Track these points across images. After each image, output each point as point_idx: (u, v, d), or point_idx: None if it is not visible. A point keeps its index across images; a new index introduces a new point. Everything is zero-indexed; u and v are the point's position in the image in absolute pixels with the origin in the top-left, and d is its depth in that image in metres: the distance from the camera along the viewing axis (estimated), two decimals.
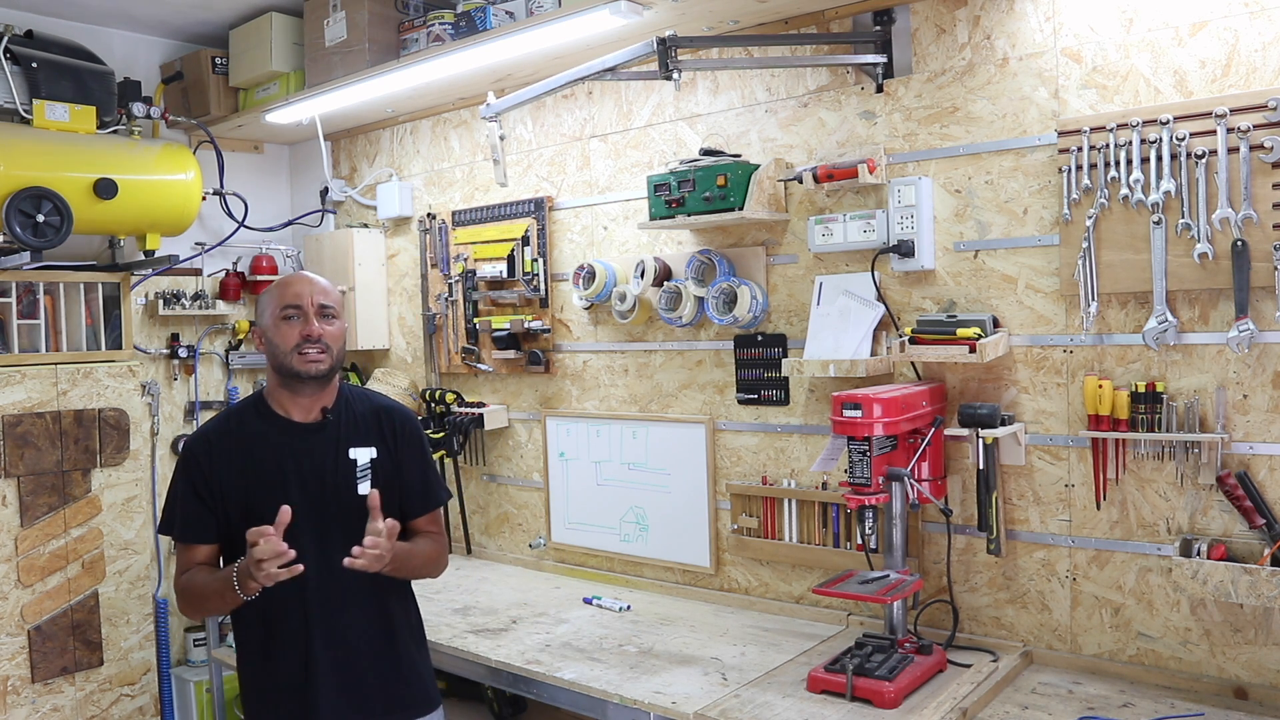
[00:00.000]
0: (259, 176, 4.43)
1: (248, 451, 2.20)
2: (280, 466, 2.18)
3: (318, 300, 2.19)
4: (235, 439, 2.22)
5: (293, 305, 2.18)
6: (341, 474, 2.21)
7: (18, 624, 3.26)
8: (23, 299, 3.40)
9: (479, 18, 3.12)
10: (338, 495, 2.19)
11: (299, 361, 2.15)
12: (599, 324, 3.39)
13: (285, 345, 2.16)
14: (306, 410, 2.23)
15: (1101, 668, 2.38)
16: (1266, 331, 2.14)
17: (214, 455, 2.20)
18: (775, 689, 2.31)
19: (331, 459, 2.21)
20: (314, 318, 2.17)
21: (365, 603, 2.21)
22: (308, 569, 2.07)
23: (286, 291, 2.21)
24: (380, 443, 2.26)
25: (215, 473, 2.17)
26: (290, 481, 2.17)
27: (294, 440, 2.21)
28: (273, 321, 2.19)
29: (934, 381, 2.61)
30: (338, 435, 2.23)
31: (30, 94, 3.30)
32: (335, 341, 2.21)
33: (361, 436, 2.25)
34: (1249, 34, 2.14)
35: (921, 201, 2.58)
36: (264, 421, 2.23)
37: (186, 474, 2.21)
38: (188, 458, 2.23)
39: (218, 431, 2.25)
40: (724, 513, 3.08)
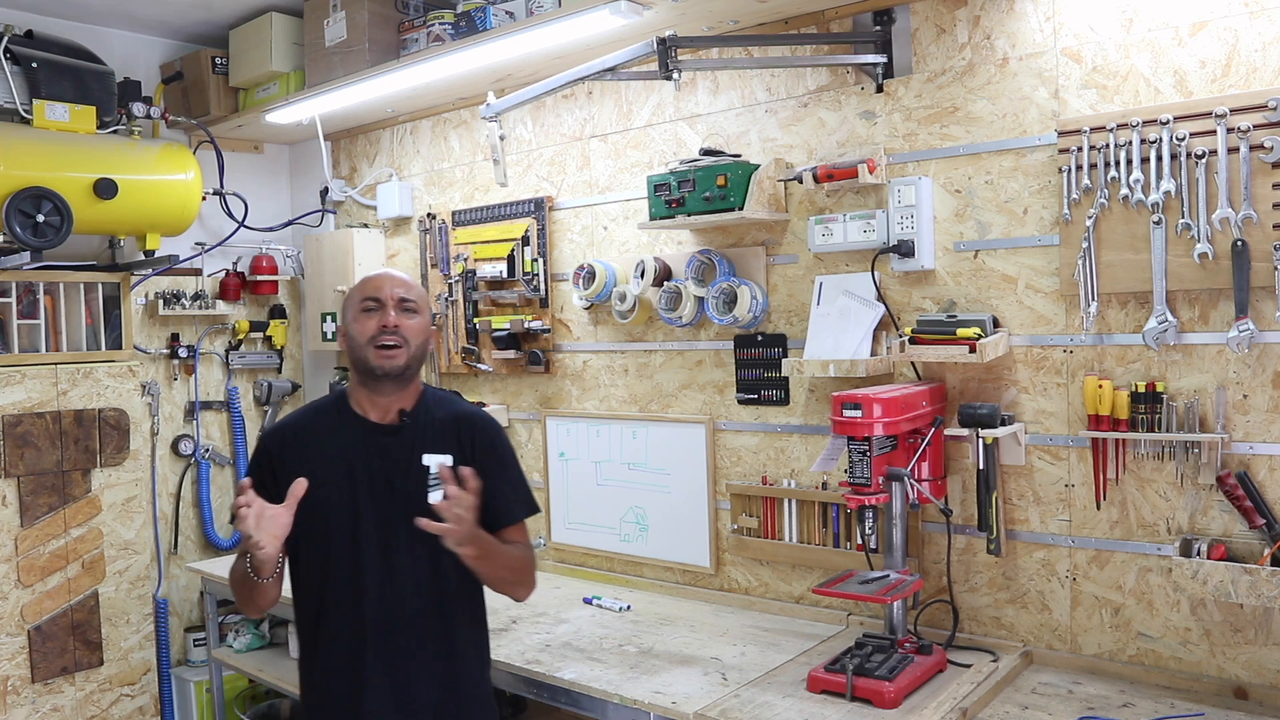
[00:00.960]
0: (259, 176, 4.43)
1: (320, 448, 2.12)
2: (350, 467, 2.10)
3: (397, 293, 2.13)
4: (309, 434, 2.16)
5: (372, 298, 2.12)
6: (413, 480, 2.07)
7: (18, 624, 3.26)
8: (23, 299, 3.40)
9: (479, 18, 3.12)
10: (406, 502, 2.05)
11: (375, 355, 2.08)
12: (599, 324, 3.39)
13: (362, 337, 2.09)
14: (384, 411, 2.15)
15: (1101, 668, 2.38)
16: (1266, 331, 2.14)
17: (285, 449, 2.14)
18: (775, 689, 2.31)
19: (404, 464, 2.09)
20: (392, 309, 2.10)
21: (429, 616, 2.09)
22: (369, 576, 2.05)
23: (367, 285, 2.16)
24: (458, 451, 2.12)
25: (284, 467, 2.08)
26: (359, 482, 2.09)
27: (368, 441, 2.13)
28: (353, 316, 2.14)
29: (934, 381, 2.61)
30: (413, 440, 2.13)
31: (30, 94, 3.30)
32: (414, 336, 2.12)
33: (437, 443, 2.13)
34: (1249, 34, 2.14)
35: (921, 201, 2.58)
36: (341, 419, 2.16)
37: (255, 467, 2.16)
38: (260, 452, 2.19)
39: (293, 426, 2.20)
40: (724, 513, 3.08)
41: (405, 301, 2.12)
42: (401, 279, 2.17)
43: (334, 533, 2.07)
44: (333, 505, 2.04)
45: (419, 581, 2.07)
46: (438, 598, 2.09)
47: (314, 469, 2.06)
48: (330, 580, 2.08)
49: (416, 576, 2.07)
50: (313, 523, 2.02)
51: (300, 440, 2.15)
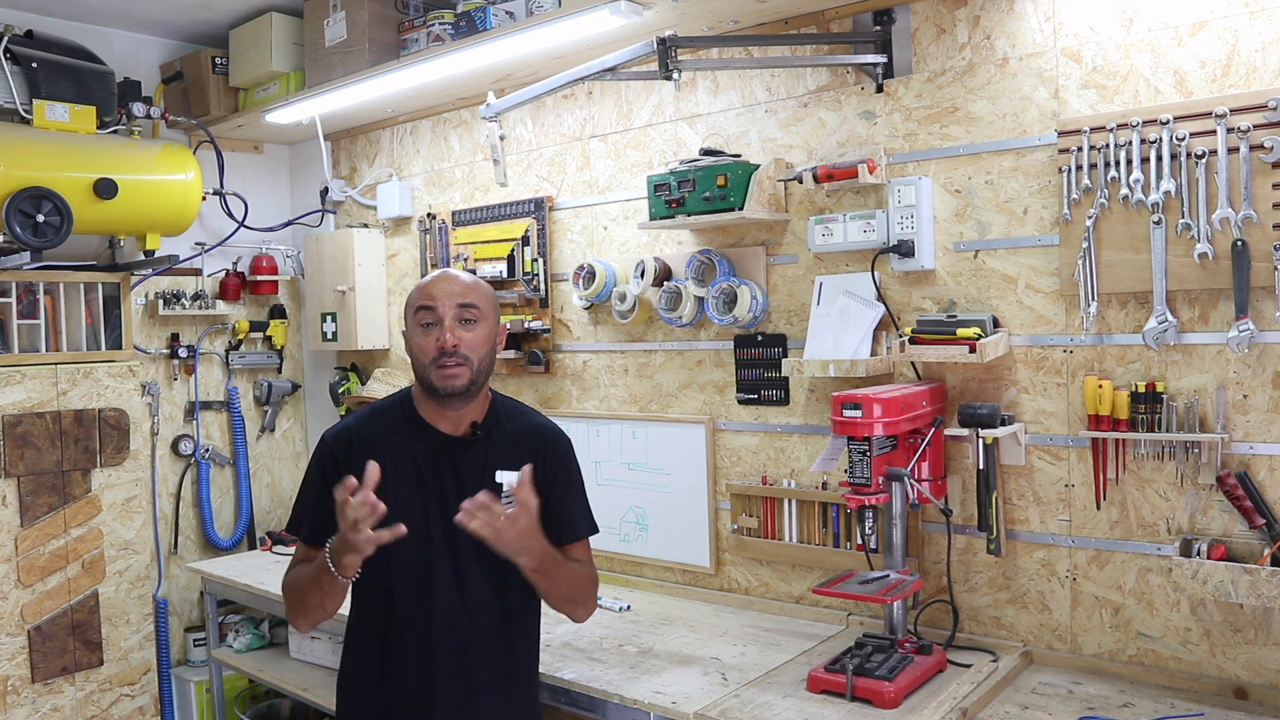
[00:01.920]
0: (259, 176, 4.43)
1: (388, 457, 1.97)
2: (421, 479, 2.01)
3: (455, 302, 1.98)
4: (377, 441, 2.04)
5: (427, 308, 1.98)
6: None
7: (18, 624, 3.26)
8: (23, 299, 3.40)
9: (479, 18, 3.12)
10: None
11: (437, 377, 1.97)
12: (599, 324, 3.39)
13: (423, 358, 1.98)
14: (455, 423, 2.06)
15: (1101, 668, 2.38)
16: (1266, 331, 2.14)
17: (353, 454, 2.00)
18: (775, 689, 2.31)
19: (476, 479, 2.00)
20: (450, 325, 1.97)
21: (496, 634, 2.04)
22: (440, 593, 1.97)
23: (423, 290, 2.01)
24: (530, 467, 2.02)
25: (351, 470, 1.90)
26: (430, 497, 2.00)
27: (439, 454, 2.03)
28: (411, 326, 2.02)
29: (934, 381, 2.61)
30: (486, 455, 2.04)
31: (30, 94, 3.30)
32: (476, 350, 1.99)
33: (511, 459, 2.02)
34: (1249, 34, 2.14)
35: (921, 201, 2.58)
36: (410, 428, 2.06)
37: (321, 471, 2.04)
38: (325, 456, 2.06)
39: (358, 430, 2.08)
40: (724, 513, 3.08)
41: (465, 310, 1.99)
42: (460, 281, 2.02)
43: (403, 546, 1.91)
44: (401, 519, 1.89)
45: (488, 599, 2.01)
46: (503, 616, 2.04)
47: (384, 477, 1.92)
48: (399, 595, 2.00)
49: (485, 594, 2.01)
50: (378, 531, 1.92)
51: (367, 446, 2.02)
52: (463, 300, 1.99)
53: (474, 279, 2.06)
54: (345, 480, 1.78)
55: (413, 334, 2.02)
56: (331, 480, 1.94)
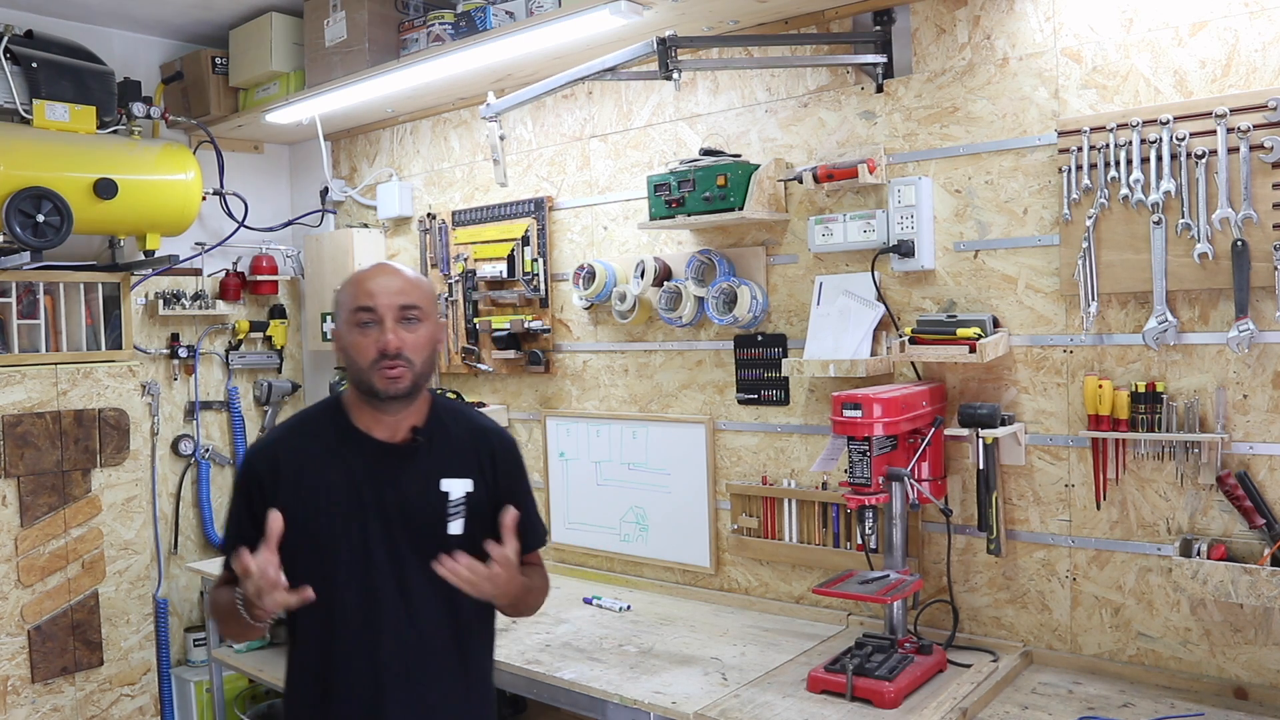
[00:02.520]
0: (259, 176, 4.43)
1: (319, 473, 1.85)
2: (358, 495, 1.84)
3: (396, 301, 1.82)
4: (306, 456, 1.87)
5: (365, 308, 1.82)
6: (430, 508, 1.86)
7: (18, 624, 3.26)
8: (23, 299, 3.40)
9: (479, 18, 3.12)
10: (423, 533, 1.85)
11: (378, 379, 1.80)
12: (599, 324, 3.39)
13: (361, 360, 1.81)
14: (392, 429, 1.89)
15: (1101, 668, 2.38)
16: (1266, 331, 2.14)
17: (279, 473, 1.85)
18: (775, 689, 2.31)
19: (419, 489, 1.87)
20: (391, 325, 1.81)
21: (449, 659, 1.90)
22: (386, 618, 1.83)
23: (360, 288, 1.84)
24: (478, 473, 1.92)
25: (279, 495, 1.82)
26: (369, 513, 1.83)
27: (377, 465, 1.86)
28: (345, 326, 1.85)
29: (934, 381, 2.61)
30: (429, 462, 1.89)
31: (30, 94, 3.30)
32: (420, 352, 1.84)
33: (456, 465, 1.90)
34: (1249, 34, 2.14)
35: (921, 201, 2.57)
36: (342, 437, 1.88)
37: (245, 493, 1.89)
38: (248, 475, 1.89)
39: (285, 445, 1.91)
40: (724, 513, 3.08)
41: (406, 310, 1.83)
42: (401, 278, 1.87)
43: (341, 570, 1.82)
44: (340, 539, 1.80)
45: (438, 616, 1.87)
46: (456, 632, 1.91)
47: (316, 497, 1.83)
48: (340, 623, 1.84)
49: (435, 613, 1.87)
50: (318, 559, 1.80)
51: (296, 462, 1.86)
52: (405, 300, 1.83)
53: (414, 274, 1.90)
54: (240, 554, 1.66)
55: (348, 334, 1.84)
56: (255, 504, 1.83)
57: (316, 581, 1.77)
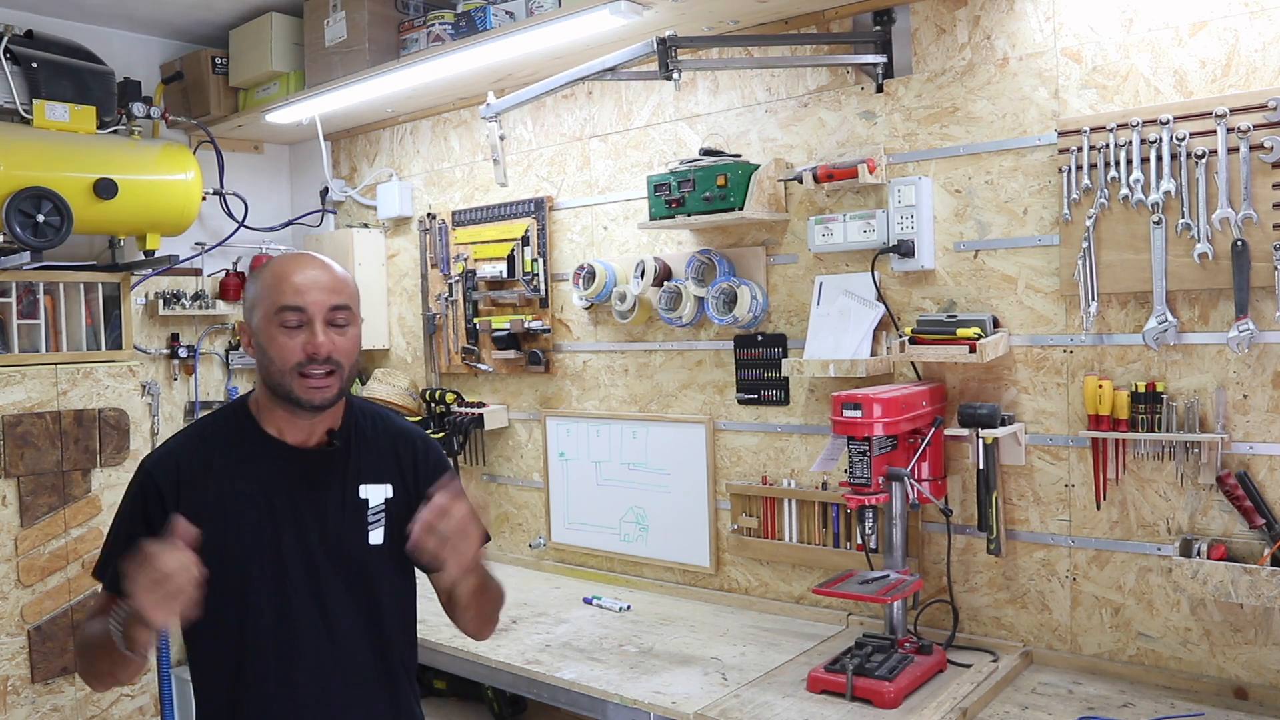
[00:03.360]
0: (259, 176, 4.43)
1: (227, 482, 1.66)
2: (270, 505, 1.67)
3: (326, 301, 1.64)
4: (210, 465, 1.68)
5: (292, 308, 1.63)
6: (350, 518, 1.71)
7: (18, 624, 3.26)
8: (23, 299, 3.40)
9: (479, 18, 3.12)
10: (343, 544, 1.70)
11: (300, 387, 1.63)
12: (599, 324, 3.39)
13: (282, 362, 1.63)
14: (306, 433, 1.72)
15: (1101, 668, 2.38)
16: (1266, 331, 2.14)
17: (181, 485, 1.65)
18: (775, 689, 2.31)
19: (338, 498, 1.71)
20: (321, 328, 1.63)
21: (372, 680, 1.73)
22: (302, 639, 1.65)
23: (283, 284, 1.63)
24: (398, 478, 1.77)
25: (181, 509, 1.59)
26: (283, 525, 1.66)
27: (290, 472, 1.69)
28: (264, 323, 1.64)
29: (934, 381, 2.61)
30: (346, 468, 1.73)
31: (30, 94, 3.30)
32: (348, 357, 1.67)
33: (375, 470, 1.75)
34: (1249, 34, 2.14)
35: (921, 201, 2.57)
36: (250, 444, 1.70)
37: (143, 505, 1.66)
38: (145, 485, 1.67)
39: (187, 452, 1.70)
40: (724, 513, 3.08)
41: (337, 311, 1.65)
42: (330, 273, 1.67)
43: (252, 588, 1.64)
44: (250, 554, 1.63)
45: (360, 633, 1.70)
46: (382, 650, 1.74)
47: (224, 510, 1.65)
48: (252, 646, 1.65)
49: (357, 628, 1.70)
50: (223, 577, 1.57)
51: (200, 472, 1.67)
52: (336, 300, 1.65)
53: (342, 270, 1.71)
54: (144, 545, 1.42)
55: (270, 333, 1.63)
56: (154, 518, 1.61)
57: (225, 602, 1.61)
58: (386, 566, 1.74)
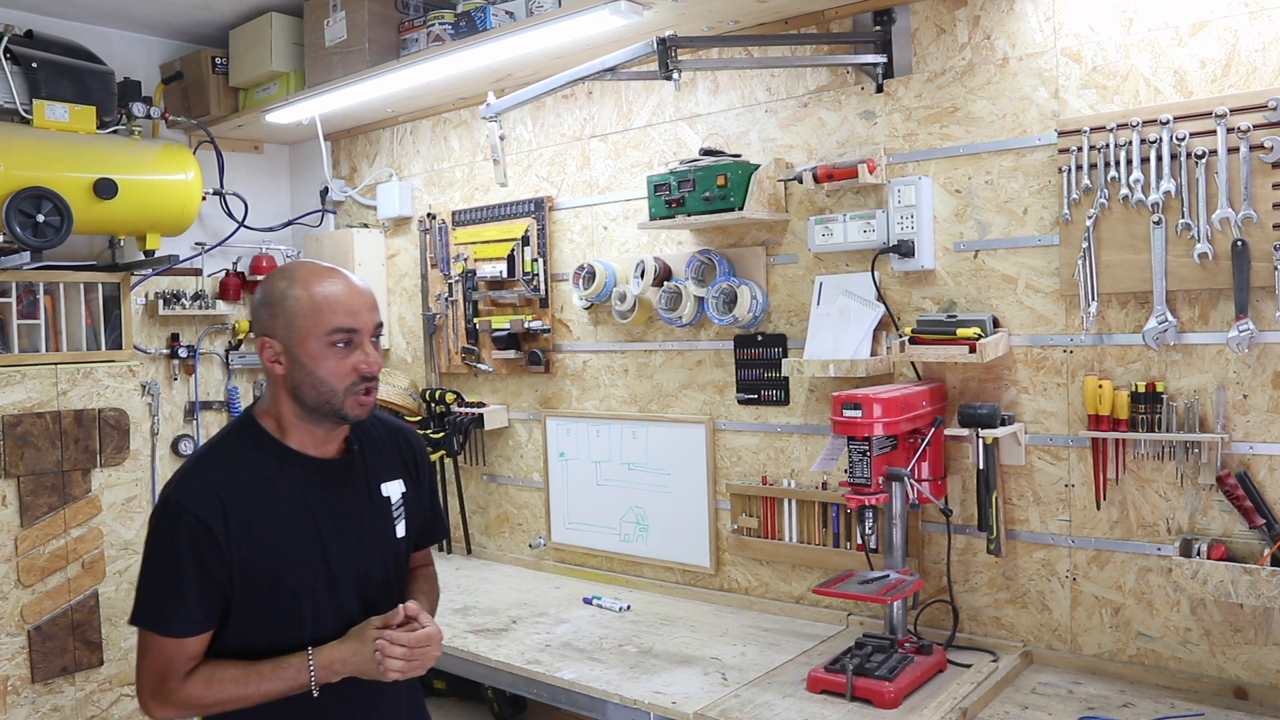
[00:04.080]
0: (259, 176, 4.43)
1: (269, 507, 1.69)
2: (313, 518, 1.72)
3: (374, 320, 1.72)
4: (249, 491, 1.68)
5: (348, 329, 1.67)
6: (378, 517, 1.82)
7: (18, 624, 3.26)
8: (23, 299, 3.40)
9: (479, 18, 3.12)
10: (377, 541, 1.80)
11: (352, 405, 1.70)
12: (599, 324, 3.39)
13: (335, 383, 1.67)
14: (323, 443, 1.77)
15: (1101, 668, 2.38)
16: (1266, 331, 2.14)
17: (230, 517, 1.64)
18: (775, 689, 2.31)
19: (364, 499, 1.80)
20: (370, 344, 1.71)
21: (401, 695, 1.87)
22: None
23: (335, 308, 1.67)
24: (404, 471, 1.89)
25: (234, 542, 1.63)
26: (327, 534, 1.73)
27: (322, 482, 1.75)
28: (310, 341, 1.67)
29: (934, 381, 2.61)
30: (365, 470, 1.82)
31: (30, 94, 3.30)
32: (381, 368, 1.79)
33: (388, 468, 1.86)
34: (1249, 34, 2.14)
35: (921, 201, 2.57)
36: (279, 463, 1.73)
37: (193, 545, 1.62)
38: (193, 526, 1.62)
39: (224, 482, 1.68)
40: (724, 513, 3.08)
41: (378, 328, 1.75)
42: (367, 294, 1.74)
43: (306, 599, 1.71)
44: (303, 572, 1.69)
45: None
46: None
47: (272, 534, 1.67)
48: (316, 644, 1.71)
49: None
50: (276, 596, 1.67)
51: (242, 499, 1.66)
52: (378, 318, 1.75)
53: (368, 285, 1.78)
54: (387, 632, 1.67)
55: (319, 354, 1.67)
56: (208, 558, 1.62)
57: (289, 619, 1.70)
58: (408, 556, 1.91)
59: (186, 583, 1.63)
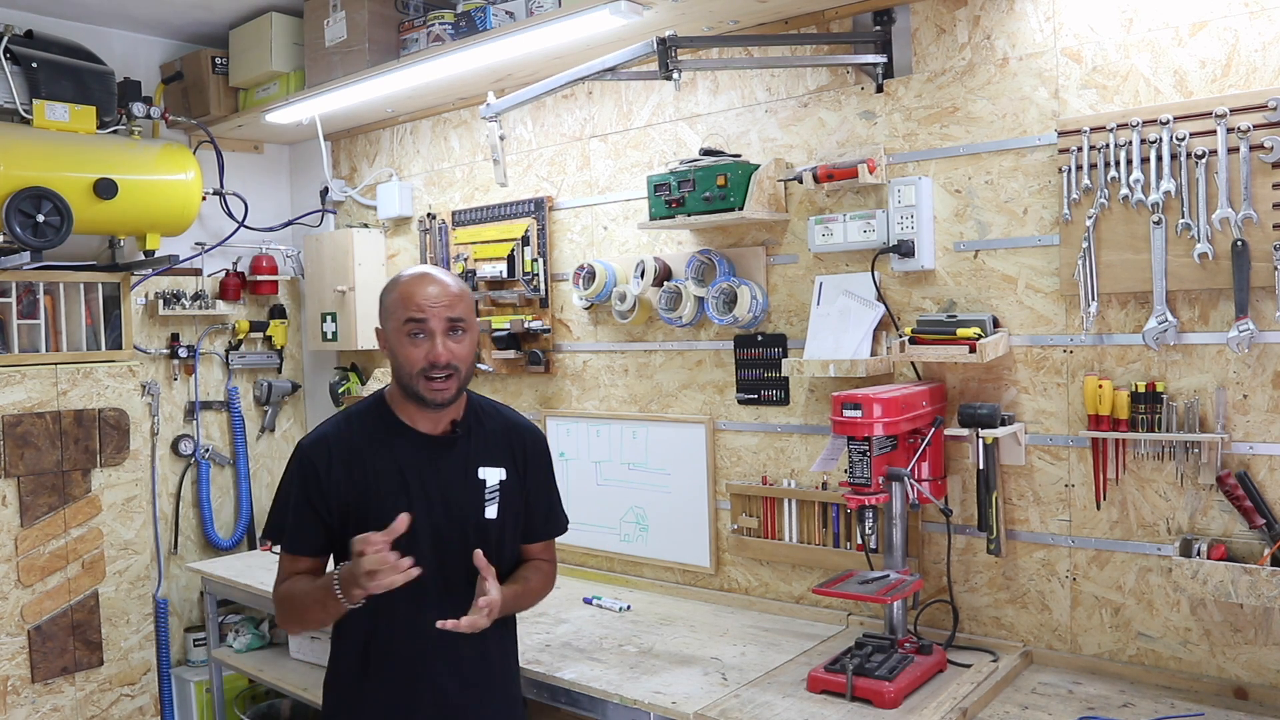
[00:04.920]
0: (259, 176, 4.43)
1: (369, 463, 2.01)
2: (404, 481, 2.01)
3: (445, 315, 1.96)
4: (356, 447, 2.03)
5: (416, 319, 1.96)
6: (470, 494, 2.06)
7: (18, 624, 3.26)
8: (23, 299, 3.40)
9: (479, 18, 3.12)
10: (463, 517, 2.04)
11: (425, 389, 1.97)
12: (599, 324, 3.39)
13: (409, 367, 1.97)
14: (434, 423, 2.06)
15: (1101, 668, 2.38)
16: (1266, 331, 2.14)
17: (333, 463, 2.01)
18: (775, 689, 2.31)
19: (460, 477, 2.05)
20: (441, 338, 1.96)
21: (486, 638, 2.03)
22: (428, 593, 1.96)
23: (410, 299, 1.97)
24: (510, 463, 2.11)
25: (333, 483, 2.00)
26: (415, 498, 2.00)
27: (420, 454, 2.04)
28: (395, 331, 1.99)
29: (934, 381, 2.61)
30: (467, 452, 2.07)
31: (30, 94, 3.30)
32: (465, 361, 2.01)
33: (491, 455, 2.09)
34: (1249, 34, 2.14)
35: (921, 201, 2.57)
36: (388, 430, 2.05)
37: (302, 481, 2.02)
38: (304, 463, 2.03)
39: (337, 437, 2.05)
40: (724, 513, 3.08)
41: (454, 322, 1.98)
42: (449, 290, 1.99)
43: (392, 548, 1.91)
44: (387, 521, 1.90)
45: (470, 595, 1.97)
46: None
47: (367, 483, 2.00)
48: (385, 601, 1.93)
49: (471, 593, 1.97)
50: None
51: (347, 453, 2.03)
52: (452, 313, 1.98)
53: (457, 283, 2.03)
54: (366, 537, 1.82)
55: (398, 341, 1.98)
56: (310, 489, 2.01)
57: None
58: (499, 537, 2.09)
59: (293, 507, 2.03)
